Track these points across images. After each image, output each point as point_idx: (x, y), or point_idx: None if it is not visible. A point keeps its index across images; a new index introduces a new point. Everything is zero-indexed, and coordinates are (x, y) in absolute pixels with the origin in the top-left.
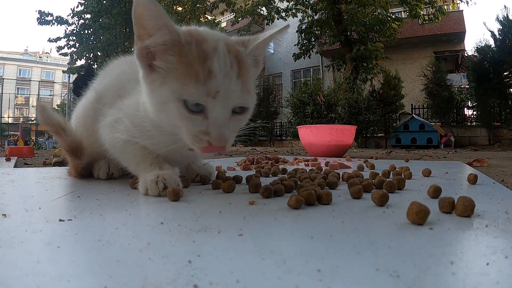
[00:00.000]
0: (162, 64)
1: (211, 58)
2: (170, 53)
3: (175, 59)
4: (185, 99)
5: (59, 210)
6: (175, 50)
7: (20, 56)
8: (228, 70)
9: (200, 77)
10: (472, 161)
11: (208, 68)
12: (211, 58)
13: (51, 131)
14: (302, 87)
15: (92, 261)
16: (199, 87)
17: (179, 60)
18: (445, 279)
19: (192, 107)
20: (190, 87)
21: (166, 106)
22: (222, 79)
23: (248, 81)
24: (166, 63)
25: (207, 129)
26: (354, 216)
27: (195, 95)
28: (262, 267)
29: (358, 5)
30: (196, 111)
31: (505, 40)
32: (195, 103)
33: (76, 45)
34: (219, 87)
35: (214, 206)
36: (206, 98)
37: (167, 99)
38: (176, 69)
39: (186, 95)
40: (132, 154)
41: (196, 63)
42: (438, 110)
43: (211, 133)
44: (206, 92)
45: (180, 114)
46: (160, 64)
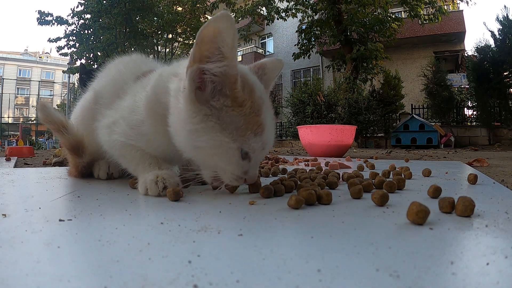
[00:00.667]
0: (217, 104)
1: (263, 111)
2: (225, 94)
3: (230, 103)
4: (242, 149)
5: (59, 210)
6: (230, 93)
7: (20, 56)
8: (272, 119)
9: (257, 131)
10: (472, 161)
11: (261, 122)
12: (263, 112)
13: (53, 129)
14: (302, 87)
15: (92, 261)
16: (256, 141)
17: (235, 108)
18: (445, 279)
19: (244, 154)
20: (249, 141)
21: (217, 149)
22: (270, 132)
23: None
24: (221, 105)
25: (247, 171)
26: (354, 216)
27: (253, 148)
28: (262, 267)
29: (358, 5)
30: (244, 158)
31: (505, 40)
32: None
33: (76, 45)
34: (269, 139)
35: (214, 206)
36: (258, 150)
37: (224, 144)
38: (232, 115)
39: (245, 147)
40: (130, 155)
41: (252, 115)
42: (438, 110)
43: (250, 173)
44: (260, 146)
45: (232, 158)
46: (215, 104)
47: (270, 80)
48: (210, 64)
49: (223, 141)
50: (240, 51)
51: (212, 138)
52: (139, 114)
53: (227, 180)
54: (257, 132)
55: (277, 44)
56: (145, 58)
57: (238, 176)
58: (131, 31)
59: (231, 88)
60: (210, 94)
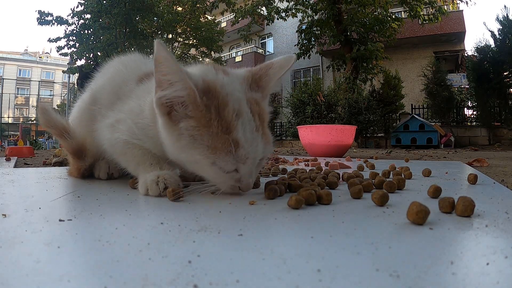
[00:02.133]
0: (185, 126)
1: (235, 126)
2: (189, 114)
3: (195, 124)
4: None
5: (59, 210)
6: (194, 115)
7: (20, 56)
8: (253, 134)
9: (229, 150)
10: (472, 161)
11: (234, 138)
12: (235, 127)
13: (55, 134)
14: (302, 87)
15: (92, 261)
16: (229, 159)
17: (200, 126)
18: (445, 279)
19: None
20: (220, 159)
21: (197, 164)
22: (249, 146)
23: (266, 127)
24: (188, 126)
25: (239, 179)
26: (354, 216)
27: (227, 166)
28: (262, 267)
29: (358, 5)
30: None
31: (505, 40)
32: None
33: (76, 45)
34: (248, 154)
35: (214, 206)
36: (237, 165)
37: (199, 161)
38: (200, 135)
39: (219, 164)
40: (131, 154)
41: (220, 133)
42: (438, 110)
43: (243, 182)
44: (236, 162)
45: (215, 173)
46: (184, 126)
47: (270, 81)
48: (165, 91)
49: (197, 158)
50: (240, 51)
51: (189, 155)
52: (145, 118)
53: (223, 189)
54: (229, 150)
55: (277, 44)
56: (144, 58)
57: (231, 185)
58: (131, 31)
59: (192, 109)
60: (181, 115)
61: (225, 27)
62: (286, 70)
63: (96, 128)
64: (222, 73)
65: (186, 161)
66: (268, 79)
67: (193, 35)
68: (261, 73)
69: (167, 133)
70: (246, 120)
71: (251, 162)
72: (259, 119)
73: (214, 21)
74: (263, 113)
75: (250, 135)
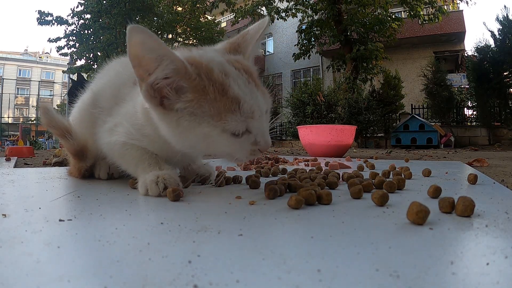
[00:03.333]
0: (182, 106)
1: (229, 84)
2: (183, 89)
3: (192, 96)
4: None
5: (59, 210)
6: (187, 86)
7: (20, 56)
8: (247, 86)
9: (233, 108)
10: (472, 161)
11: (232, 96)
12: (229, 85)
13: (56, 134)
14: (302, 87)
15: (92, 261)
16: (237, 118)
17: (197, 97)
18: (445, 279)
19: (237, 132)
20: (229, 122)
21: (207, 140)
22: (249, 98)
23: (259, 82)
24: (185, 103)
25: (255, 141)
26: (354, 216)
27: (237, 126)
28: (262, 267)
29: (358, 5)
30: (241, 133)
31: (505, 40)
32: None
33: (76, 45)
34: (252, 106)
35: (214, 206)
36: (246, 122)
37: (208, 135)
38: (200, 107)
39: (229, 129)
40: (130, 156)
41: (218, 96)
42: (438, 110)
43: (260, 142)
44: (244, 118)
45: (229, 142)
46: (180, 106)
47: (249, 45)
48: (153, 75)
49: (206, 132)
50: None
51: (197, 134)
52: (139, 119)
53: (244, 158)
54: (233, 109)
55: (277, 44)
56: None
57: (249, 151)
58: None
59: (185, 79)
60: (173, 98)
61: (225, 27)
62: (261, 33)
63: (97, 132)
64: (196, 49)
65: (196, 143)
66: (246, 43)
67: (193, 35)
68: (238, 41)
69: (165, 124)
70: (235, 76)
71: (259, 115)
72: (246, 73)
73: (214, 21)
74: (249, 68)
75: (245, 88)
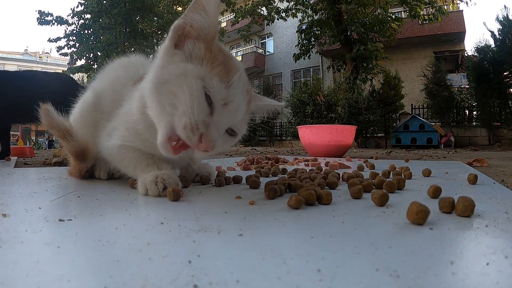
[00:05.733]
0: (190, 47)
1: (234, 73)
2: (201, 43)
3: (204, 50)
4: (204, 86)
5: (59, 210)
6: (206, 45)
7: (20, 56)
8: (243, 92)
9: (224, 80)
10: (472, 161)
11: (230, 78)
12: (234, 73)
13: (57, 135)
14: (302, 87)
15: (92, 261)
16: (220, 87)
17: (207, 54)
18: (445, 279)
19: (206, 97)
20: (213, 80)
21: (180, 78)
22: (238, 94)
23: (247, 116)
24: (195, 48)
25: (209, 125)
26: (354, 216)
27: (214, 89)
28: (262, 267)
29: (358, 5)
30: (209, 100)
31: (505, 40)
32: (208, 95)
33: (76, 45)
34: (234, 98)
35: (214, 206)
36: (220, 100)
37: (188, 72)
38: (202, 59)
39: (207, 84)
40: (128, 158)
41: (221, 67)
42: (438, 110)
43: (210, 131)
44: (223, 95)
45: (196, 91)
46: (189, 46)
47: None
48: (194, 14)
49: (186, 69)
50: (240, 51)
51: (178, 67)
52: (133, 115)
53: (181, 129)
54: (223, 79)
55: (277, 44)
56: (144, 59)
57: (196, 122)
58: (131, 31)
59: (205, 43)
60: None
61: (225, 27)
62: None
63: (98, 136)
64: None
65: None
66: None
67: None
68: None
69: (161, 55)
70: (242, 78)
71: (230, 111)
72: (248, 97)
73: None
74: (250, 101)
75: (241, 90)
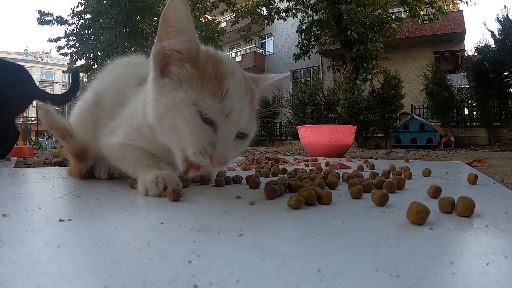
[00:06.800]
0: (176, 71)
1: (228, 79)
2: (186, 64)
3: (190, 70)
4: (199, 110)
5: (59, 210)
6: (191, 63)
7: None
8: (242, 94)
9: (217, 94)
10: (472, 161)
11: (224, 87)
12: (228, 80)
13: (57, 136)
14: (302, 87)
15: (92, 261)
16: (214, 103)
17: (195, 73)
18: (445, 279)
19: (204, 119)
20: (206, 101)
21: (174, 110)
22: (236, 100)
23: (253, 112)
24: (181, 70)
25: (214, 144)
26: (354, 216)
27: (210, 109)
28: (262, 267)
29: (358, 5)
30: (206, 123)
31: (505, 40)
32: (207, 117)
33: (76, 45)
34: (233, 107)
35: (214, 206)
36: (219, 115)
37: (179, 102)
38: (191, 80)
39: (201, 107)
40: (129, 156)
41: (213, 80)
42: (438, 110)
43: (217, 150)
44: (220, 110)
45: (192, 119)
46: (175, 71)
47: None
48: (167, 41)
49: (177, 98)
50: (240, 51)
51: (169, 98)
52: (138, 118)
53: (191, 155)
54: (216, 95)
55: (277, 44)
56: (145, 60)
57: (203, 147)
58: (131, 31)
59: (192, 62)
60: (173, 72)
61: (225, 27)
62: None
63: (98, 134)
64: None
65: (164, 112)
66: (263, 78)
67: None
68: (258, 77)
69: (154, 90)
70: (238, 80)
71: (234, 120)
72: (250, 94)
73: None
74: (254, 95)
75: (239, 93)
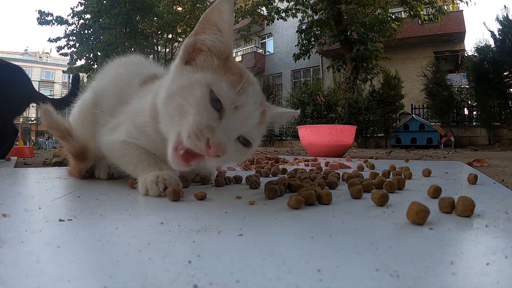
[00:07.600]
0: (203, 59)
1: (248, 84)
2: (214, 57)
3: (216, 62)
4: (212, 89)
5: (59, 210)
6: (220, 61)
7: (20, 56)
8: (257, 102)
9: (234, 86)
10: (472, 161)
11: (242, 87)
12: (248, 84)
13: (57, 135)
14: (302, 87)
15: (92, 261)
16: (230, 91)
17: (221, 65)
18: (445, 279)
19: (214, 102)
20: (223, 86)
21: (186, 90)
22: (250, 102)
23: (261, 127)
24: (207, 60)
25: (215, 129)
26: (354, 216)
27: (223, 93)
28: (262, 267)
29: (358, 5)
30: (214, 107)
31: (505, 40)
32: (217, 99)
33: (76, 45)
34: (246, 104)
35: (214, 206)
36: (230, 104)
37: (194, 82)
38: (214, 69)
39: (215, 87)
40: (129, 155)
41: (235, 76)
42: (438, 110)
43: (216, 134)
44: (233, 99)
45: (201, 99)
46: (200, 60)
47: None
48: (205, 36)
49: (194, 78)
50: (240, 51)
51: (185, 78)
52: (144, 116)
53: (185, 138)
54: (234, 86)
55: (277, 44)
56: (145, 60)
57: (199, 129)
58: (131, 31)
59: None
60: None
61: None
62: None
63: (98, 132)
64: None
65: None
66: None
67: None
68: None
69: (173, 74)
70: (256, 89)
71: (241, 116)
72: (262, 109)
73: None
74: (265, 114)
75: (255, 99)
